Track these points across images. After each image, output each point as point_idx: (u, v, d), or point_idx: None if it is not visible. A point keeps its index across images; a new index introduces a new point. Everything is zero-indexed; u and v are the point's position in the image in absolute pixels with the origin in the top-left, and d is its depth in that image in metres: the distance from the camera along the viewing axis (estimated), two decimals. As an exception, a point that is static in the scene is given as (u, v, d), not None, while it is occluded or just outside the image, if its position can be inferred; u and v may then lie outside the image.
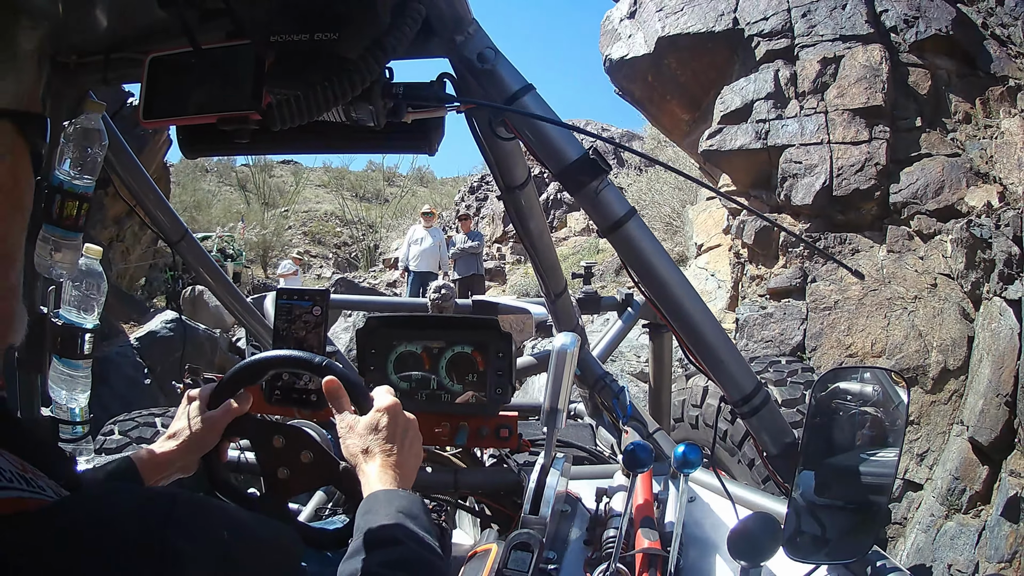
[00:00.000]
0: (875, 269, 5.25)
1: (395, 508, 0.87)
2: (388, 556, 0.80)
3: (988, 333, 4.25)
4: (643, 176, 14.39)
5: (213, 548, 0.55)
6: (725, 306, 7.04)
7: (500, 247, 16.07)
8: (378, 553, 0.80)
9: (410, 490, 0.95)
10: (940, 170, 5.29)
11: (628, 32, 7.48)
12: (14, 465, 0.55)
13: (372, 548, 0.81)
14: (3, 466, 0.53)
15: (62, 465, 0.65)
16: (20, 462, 0.57)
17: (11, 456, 0.56)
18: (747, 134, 6.11)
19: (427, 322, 1.80)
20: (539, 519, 1.20)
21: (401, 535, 0.83)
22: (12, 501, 0.52)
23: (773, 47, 6.24)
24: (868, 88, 5.68)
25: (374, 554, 0.80)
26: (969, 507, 3.90)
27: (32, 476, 0.56)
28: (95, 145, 1.37)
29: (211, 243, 13.76)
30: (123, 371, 5.33)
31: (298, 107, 0.90)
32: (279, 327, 1.50)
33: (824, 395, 1.09)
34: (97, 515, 0.51)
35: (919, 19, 5.79)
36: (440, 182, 29.20)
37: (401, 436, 1.00)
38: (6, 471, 0.53)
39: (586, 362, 2.13)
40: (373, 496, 0.91)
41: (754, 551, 0.98)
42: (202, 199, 21.08)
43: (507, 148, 1.34)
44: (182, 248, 1.95)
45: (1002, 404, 3.88)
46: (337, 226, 22.27)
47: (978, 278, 4.55)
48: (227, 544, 0.56)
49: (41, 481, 0.57)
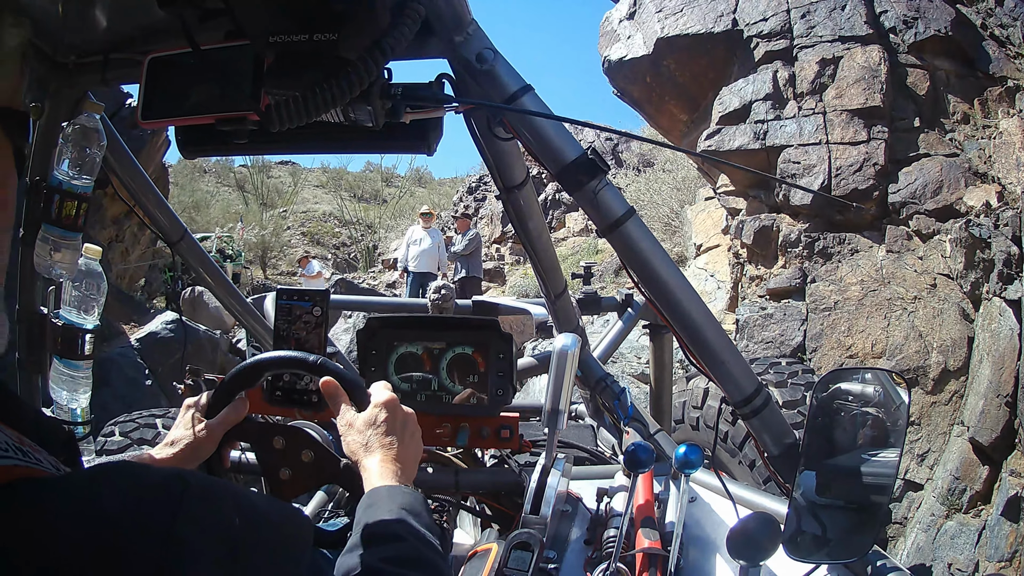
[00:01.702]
0: (874, 269, 5.26)
1: (397, 504, 0.86)
2: (388, 552, 0.79)
3: (988, 333, 4.25)
4: (641, 176, 14.39)
5: (222, 537, 0.54)
6: (725, 307, 7.04)
7: (499, 248, 16.02)
8: (378, 548, 0.79)
9: (411, 485, 0.95)
10: (939, 170, 5.30)
11: (627, 33, 7.49)
12: (10, 437, 0.55)
13: (372, 543, 0.80)
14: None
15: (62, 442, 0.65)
16: (18, 436, 0.57)
17: (8, 430, 0.56)
18: (745, 135, 6.11)
19: (428, 323, 1.80)
20: (540, 519, 1.20)
21: (402, 531, 0.82)
22: (8, 468, 0.51)
23: (772, 48, 6.25)
24: (867, 89, 5.69)
25: (374, 549, 0.79)
26: (969, 507, 3.90)
27: (29, 448, 0.56)
28: (94, 145, 1.37)
29: (210, 244, 13.75)
30: (124, 372, 5.31)
31: (296, 108, 0.90)
32: (279, 327, 1.50)
33: (825, 396, 1.09)
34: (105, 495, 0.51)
35: (918, 20, 5.80)
36: (438, 183, 29.16)
37: (400, 429, 1.00)
38: (2, 442, 0.53)
39: (587, 363, 2.12)
40: (375, 491, 0.90)
41: (753, 551, 0.98)
42: (200, 200, 21.04)
43: (505, 148, 1.33)
44: (181, 248, 1.95)
45: (1002, 404, 3.88)
46: (335, 226, 22.27)
47: (977, 278, 4.56)
48: (237, 531, 0.56)
49: (39, 455, 0.57)
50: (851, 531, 1.04)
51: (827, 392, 1.09)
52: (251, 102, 1.02)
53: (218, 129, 1.06)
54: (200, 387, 1.65)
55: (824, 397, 1.09)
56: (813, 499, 1.05)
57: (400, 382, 1.63)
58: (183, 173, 20.86)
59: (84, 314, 1.52)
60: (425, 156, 1.58)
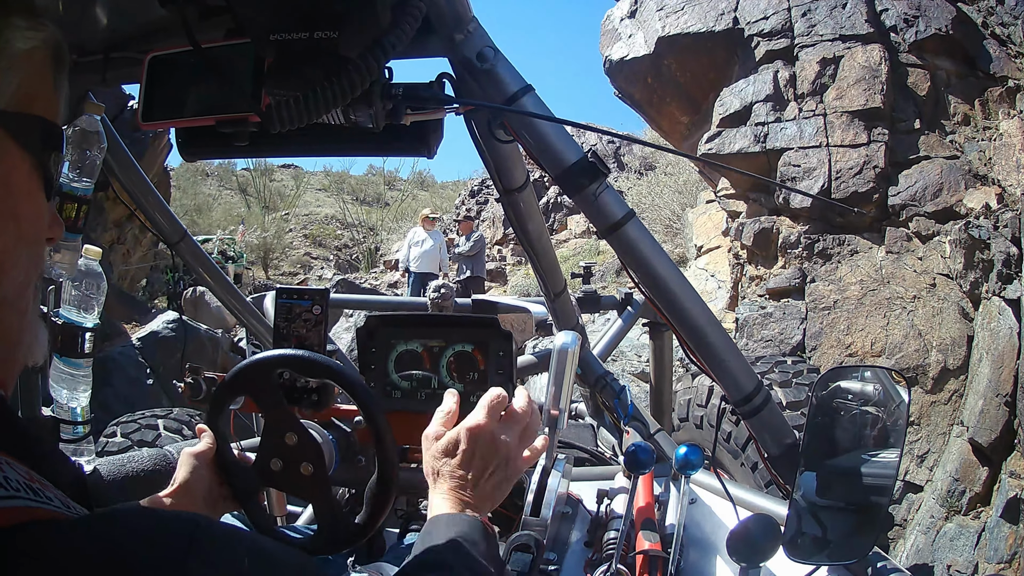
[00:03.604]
0: (874, 269, 5.26)
1: (454, 532, 0.83)
2: None
3: (987, 332, 4.26)
4: (643, 180, 14.40)
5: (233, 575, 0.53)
6: (725, 306, 7.04)
7: (501, 249, 16.03)
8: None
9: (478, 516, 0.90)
10: (939, 173, 5.30)
11: (628, 32, 7.48)
12: (21, 475, 0.54)
13: (421, 571, 0.78)
14: (9, 475, 0.52)
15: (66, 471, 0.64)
16: (27, 471, 0.55)
17: (18, 465, 0.55)
18: (746, 137, 6.10)
19: (427, 321, 1.80)
20: (540, 520, 1.20)
21: (453, 560, 0.79)
22: (18, 511, 0.50)
23: (773, 47, 6.24)
24: (867, 89, 5.68)
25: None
26: (969, 508, 3.90)
27: (39, 486, 0.55)
28: (94, 147, 1.37)
29: (211, 246, 13.75)
30: (125, 371, 5.30)
31: (297, 108, 0.89)
32: (279, 326, 1.50)
33: (825, 394, 1.09)
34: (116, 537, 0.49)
35: (919, 18, 5.79)
36: (440, 186, 29.10)
37: (480, 464, 0.92)
38: (12, 480, 0.52)
39: (587, 361, 2.12)
40: (434, 520, 0.87)
41: (753, 552, 0.98)
42: (203, 203, 21.05)
43: (506, 150, 1.33)
44: (181, 249, 1.96)
45: (1002, 404, 3.89)
46: (338, 229, 22.23)
47: (977, 278, 4.56)
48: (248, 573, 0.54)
49: (48, 492, 0.55)
50: (852, 532, 1.03)
51: (827, 390, 1.09)
52: (252, 102, 1.01)
53: (219, 131, 1.06)
54: (200, 385, 1.65)
55: (824, 396, 1.08)
56: (813, 500, 1.05)
57: (400, 380, 1.63)
58: (185, 176, 20.86)
59: (84, 313, 1.52)
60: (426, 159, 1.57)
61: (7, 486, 0.50)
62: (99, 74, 1.30)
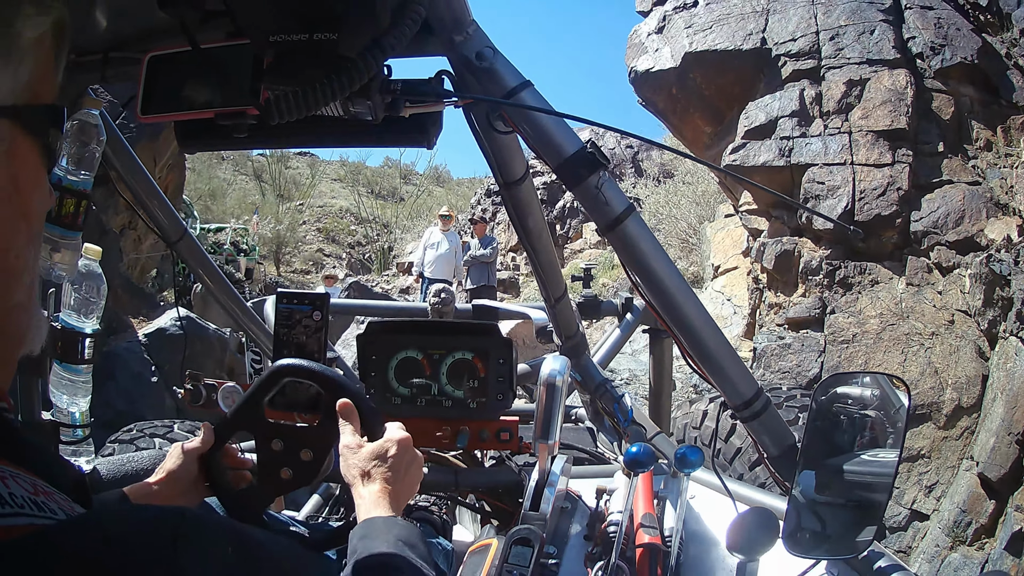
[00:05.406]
0: (894, 303, 5.21)
1: (394, 536, 0.85)
2: None
3: (1003, 373, 4.22)
4: (661, 188, 14.03)
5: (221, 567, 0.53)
6: (741, 333, 6.95)
7: (515, 256, 15.50)
8: None
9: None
10: (961, 199, 5.26)
11: (655, 46, 7.47)
12: (26, 489, 0.52)
13: (367, 574, 0.79)
14: (15, 491, 0.51)
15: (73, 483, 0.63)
16: (32, 483, 0.54)
17: (24, 477, 0.53)
18: (771, 150, 6.05)
19: (428, 328, 1.80)
20: (540, 515, 1.20)
21: (399, 564, 0.81)
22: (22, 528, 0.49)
23: (800, 67, 6.22)
24: (892, 111, 5.65)
25: None
26: (974, 539, 3.88)
27: (44, 498, 0.54)
28: (93, 141, 1.35)
29: (224, 236, 13.66)
30: (130, 367, 5.14)
31: (295, 101, 0.89)
32: (279, 332, 1.50)
33: (824, 400, 1.09)
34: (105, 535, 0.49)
35: (945, 47, 5.78)
36: (456, 182, 28.63)
37: (404, 469, 1.00)
38: (18, 496, 0.51)
39: (586, 368, 2.12)
40: (370, 521, 0.90)
41: (751, 544, 0.98)
42: (217, 188, 20.76)
43: (505, 142, 1.33)
44: (181, 248, 1.90)
45: (1013, 442, 3.86)
46: (352, 223, 21.97)
47: (995, 316, 4.52)
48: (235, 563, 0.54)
49: (53, 504, 0.54)
50: (851, 528, 1.03)
51: (826, 396, 1.09)
52: (250, 97, 1.02)
53: (218, 123, 1.06)
54: (200, 391, 1.64)
55: (823, 400, 1.09)
56: (812, 497, 1.05)
57: (400, 387, 1.64)
58: (201, 159, 20.40)
59: (84, 318, 1.49)
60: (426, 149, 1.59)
61: (11, 503, 0.49)
62: (98, 73, 1.30)
